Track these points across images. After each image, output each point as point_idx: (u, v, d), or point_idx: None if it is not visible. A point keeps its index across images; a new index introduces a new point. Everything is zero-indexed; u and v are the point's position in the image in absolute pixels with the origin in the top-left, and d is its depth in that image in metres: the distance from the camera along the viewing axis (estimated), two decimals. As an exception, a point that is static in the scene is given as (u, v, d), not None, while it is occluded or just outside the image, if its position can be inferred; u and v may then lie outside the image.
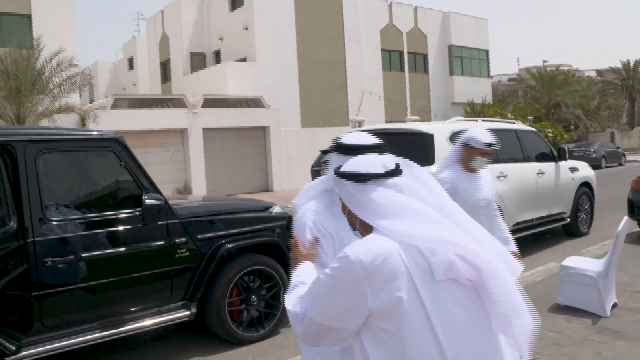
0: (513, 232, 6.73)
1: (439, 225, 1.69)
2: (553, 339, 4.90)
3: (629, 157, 35.53)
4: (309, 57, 27.60)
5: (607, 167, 30.38)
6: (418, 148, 7.57)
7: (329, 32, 28.60)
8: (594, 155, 29.43)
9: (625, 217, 5.85)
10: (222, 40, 29.04)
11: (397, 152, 7.17)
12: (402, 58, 33.58)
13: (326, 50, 28.45)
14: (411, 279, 1.61)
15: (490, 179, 4.34)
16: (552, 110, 39.20)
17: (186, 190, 20.28)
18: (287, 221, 6.07)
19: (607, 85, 53.54)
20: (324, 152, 13.31)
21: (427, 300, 1.61)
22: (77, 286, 4.47)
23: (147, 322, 4.82)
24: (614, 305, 5.66)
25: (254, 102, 23.07)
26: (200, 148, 20.70)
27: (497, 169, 8.21)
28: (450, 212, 1.77)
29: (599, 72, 60.20)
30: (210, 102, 21.71)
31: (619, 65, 53.57)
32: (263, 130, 22.78)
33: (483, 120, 9.19)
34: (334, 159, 2.35)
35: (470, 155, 4.12)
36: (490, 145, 4.07)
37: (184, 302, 5.05)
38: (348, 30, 29.45)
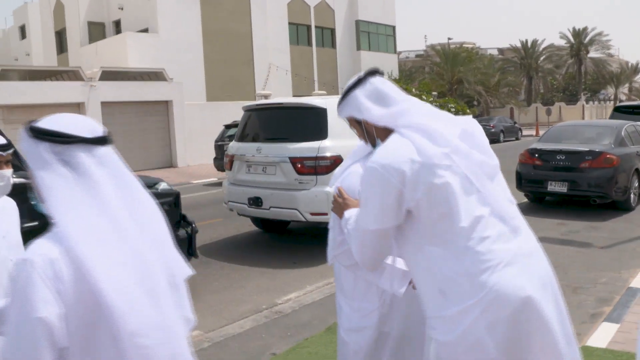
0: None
1: None
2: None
3: (525, 132, 37.47)
4: (214, 29, 26.85)
5: (505, 141, 31.88)
6: (311, 122, 7.56)
7: (234, 4, 27.91)
8: (492, 130, 30.74)
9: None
10: (122, 9, 27.67)
11: (291, 126, 7.00)
12: (310, 32, 33.45)
13: (232, 22, 27.77)
14: None
15: None
16: (455, 86, 40.61)
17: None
18: (174, 198, 5.88)
19: (507, 63, 56.09)
20: (228, 127, 13.01)
21: None
22: None
23: None
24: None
25: (155, 75, 22.23)
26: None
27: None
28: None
29: (500, 51, 63.00)
30: (109, 75, 20.69)
31: (519, 45, 56.20)
32: (166, 105, 22.07)
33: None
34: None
35: None
36: None
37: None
38: (254, 2, 28.88)
